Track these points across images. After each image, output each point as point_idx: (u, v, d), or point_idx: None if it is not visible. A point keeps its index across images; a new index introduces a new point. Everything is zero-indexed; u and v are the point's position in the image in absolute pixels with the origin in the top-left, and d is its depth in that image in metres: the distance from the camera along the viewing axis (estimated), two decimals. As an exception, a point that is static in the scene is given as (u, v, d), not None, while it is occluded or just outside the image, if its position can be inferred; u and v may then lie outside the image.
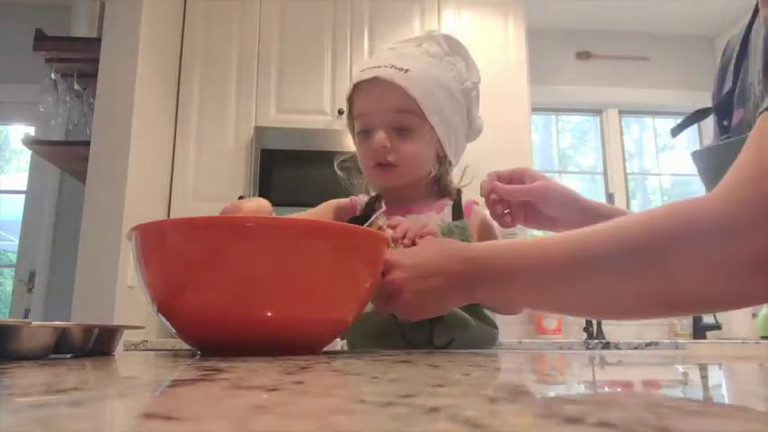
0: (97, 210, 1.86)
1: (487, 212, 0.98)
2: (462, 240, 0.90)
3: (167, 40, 2.30)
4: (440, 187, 1.00)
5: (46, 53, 2.20)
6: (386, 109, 0.88)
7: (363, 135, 0.91)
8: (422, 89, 0.88)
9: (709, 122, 0.85)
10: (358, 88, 0.90)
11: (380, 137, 0.87)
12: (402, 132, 0.88)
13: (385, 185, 0.95)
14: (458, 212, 0.97)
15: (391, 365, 0.40)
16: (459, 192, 1.00)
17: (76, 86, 2.23)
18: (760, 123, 0.47)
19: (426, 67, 0.90)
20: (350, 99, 0.93)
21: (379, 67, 0.88)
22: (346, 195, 1.06)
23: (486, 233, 0.96)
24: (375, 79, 0.87)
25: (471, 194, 1.02)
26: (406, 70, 0.87)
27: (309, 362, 0.43)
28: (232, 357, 0.48)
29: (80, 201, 1.90)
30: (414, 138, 0.89)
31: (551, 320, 2.55)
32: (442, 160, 0.96)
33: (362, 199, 0.99)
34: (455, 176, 1.03)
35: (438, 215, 0.96)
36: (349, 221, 0.94)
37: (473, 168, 1.01)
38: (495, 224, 0.95)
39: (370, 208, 0.96)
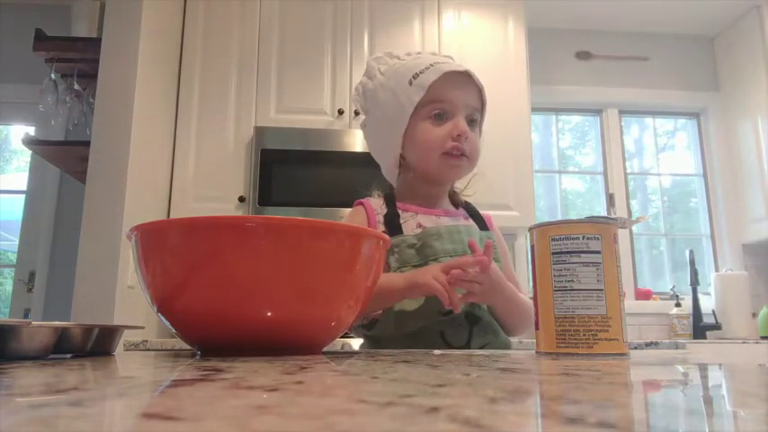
0: (97, 210, 1.86)
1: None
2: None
3: (167, 40, 2.30)
4: (451, 191, 1.03)
5: (46, 53, 2.20)
6: (468, 102, 0.94)
7: (437, 119, 0.92)
8: (485, 94, 0.98)
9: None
10: (446, 77, 0.92)
11: (464, 121, 0.92)
12: (471, 126, 0.94)
13: (452, 176, 0.97)
14: (480, 222, 1.01)
15: (391, 365, 0.40)
16: (467, 203, 1.05)
17: (76, 86, 2.23)
18: None
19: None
20: (430, 85, 0.91)
21: (460, 65, 0.95)
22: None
23: (502, 249, 1.01)
24: (465, 73, 0.94)
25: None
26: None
27: (309, 362, 0.43)
28: (232, 357, 0.48)
29: (80, 201, 1.90)
30: (477, 133, 0.96)
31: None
32: None
33: (376, 201, 0.99)
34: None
35: (466, 221, 0.99)
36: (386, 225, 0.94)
37: (476, 168, 1.02)
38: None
39: (393, 205, 0.96)
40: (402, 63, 0.96)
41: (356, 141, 2.30)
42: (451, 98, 0.92)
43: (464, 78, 0.94)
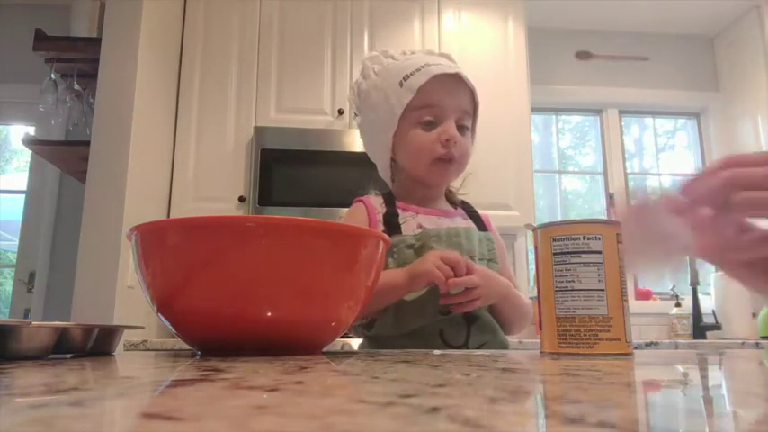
0: (97, 210, 1.86)
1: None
2: (489, 251, 0.96)
3: (167, 39, 2.30)
4: (447, 190, 1.03)
5: (46, 53, 2.20)
6: (458, 105, 0.92)
7: (427, 126, 0.92)
8: (478, 96, 0.96)
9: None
10: (436, 79, 0.91)
11: (453, 126, 0.91)
12: (461, 130, 0.93)
13: (441, 181, 0.97)
14: (479, 223, 1.01)
15: (391, 365, 0.40)
16: (464, 202, 1.05)
17: (76, 86, 2.23)
18: None
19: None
20: (420, 88, 0.91)
21: (451, 66, 0.93)
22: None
23: (501, 249, 1.00)
24: (455, 75, 0.92)
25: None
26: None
27: (309, 362, 0.43)
28: (232, 357, 0.48)
29: (80, 201, 1.90)
30: (468, 137, 0.95)
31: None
32: None
33: (376, 199, 0.99)
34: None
35: (465, 221, 0.99)
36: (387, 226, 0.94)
37: (471, 168, 1.03)
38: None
39: (393, 205, 0.96)
40: (395, 63, 0.95)
41: (356, 141, 2.30)
42: (441, 102, 0.91)
43: (455, 81, 0.93)
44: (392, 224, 0.92)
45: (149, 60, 2.07)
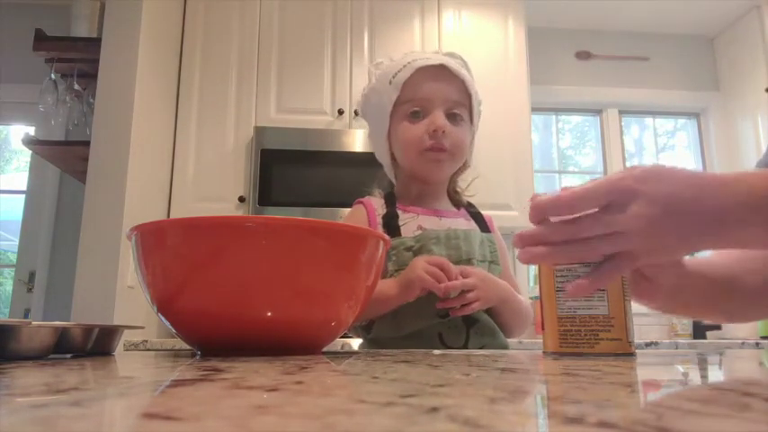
0: (97, 210, 1.86)
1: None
2: (491, 253, 0.94)
3: (167, 40, 2.30)
4: (453, 190, 1.02)
5: (46, 53, 2.20)
6: (446, 96, 0.91)
7: (415, 117, 0.91)
8: (474, 87, 0.94)
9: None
10: (421, 71, 0.91)
11: (441, 116, 0.90)
12: (453, 120, 0.91)
13: (434, 172, 0.95)
14: (482, 224, 1.00)
15: (391, 365, 0.40)
16: (469, 203, 1.04)
17: (76, 86, 2.23)
18: None
19: (467, 72, 0.95)
20: (405, 83, 0.91)
21: (438, 58, 0.92)
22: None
23: (502, 251, 0.99)
24: (441, 66, 0.91)
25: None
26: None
27: (309, 362, 0.43)
28: (232, 357, 0.48)
29: (80, 201, 1.90)
30: (462, 127, 0.93)
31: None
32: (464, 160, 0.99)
33: (377, 200, 0.99)
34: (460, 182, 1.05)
35: (467, 222, 0.98)
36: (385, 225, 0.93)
37: (477, 170, 1.03)
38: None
39: (393, 205, 0.96)
40: (390, 65, 0.97)
41: (356, 141, 2.30)
42: (426, 94, 0.91)
43: (442, 72, 0.92)
44: (392, 226, 0.92)
45: (149, 60, 2.07)
